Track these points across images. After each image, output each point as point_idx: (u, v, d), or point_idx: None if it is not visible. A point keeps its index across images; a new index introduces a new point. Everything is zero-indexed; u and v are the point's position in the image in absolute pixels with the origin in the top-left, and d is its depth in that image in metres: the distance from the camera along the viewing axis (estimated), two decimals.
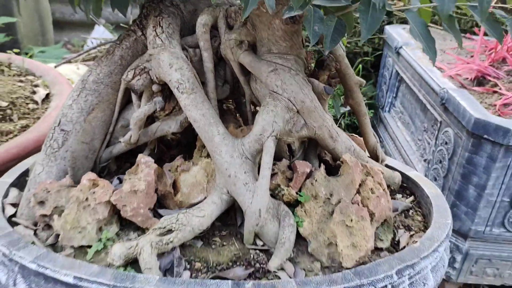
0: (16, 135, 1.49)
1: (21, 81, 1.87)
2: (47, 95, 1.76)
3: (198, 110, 0.87)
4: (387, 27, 2.67)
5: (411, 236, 0.96)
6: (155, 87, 0.92)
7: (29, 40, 3.46)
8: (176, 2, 0.97)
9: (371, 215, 0.87)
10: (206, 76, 0.94)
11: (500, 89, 1.84)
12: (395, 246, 0.94)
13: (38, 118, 1.61)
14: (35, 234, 0.90)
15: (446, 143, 1.78)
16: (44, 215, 0.88)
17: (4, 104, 1.63)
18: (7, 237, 0.85)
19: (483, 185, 1.59)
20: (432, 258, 0.88)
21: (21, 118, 1.60)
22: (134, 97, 0.96)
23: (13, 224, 0.92)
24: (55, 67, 2.32)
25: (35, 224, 0.92)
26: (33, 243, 0.87)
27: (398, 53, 2.41)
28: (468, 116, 1.59)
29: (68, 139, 0.93)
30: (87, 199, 0.87)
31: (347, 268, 0.84)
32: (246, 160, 0.88)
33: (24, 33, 3.44)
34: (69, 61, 2.39)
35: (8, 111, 1.60)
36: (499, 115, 1.66)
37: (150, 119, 0.99)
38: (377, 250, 0.92)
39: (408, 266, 0.83)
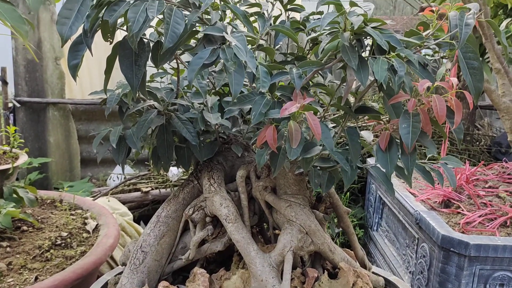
0: (77, 259, 1.85)
1: (72, 214, 2.28)
2: (96, 226, 2.16)
3: (240, 234, 1.28)
4: (368, 159, 3.21)
5: None
6: (208, 219, 1.35)
7: (58, 176, 3.95)
8: (220, 161, 1.44)
9: None
10: (242, 210, 1.37)
11: (462, 210, 2.28)
12: None
13: (92, 244, 1.99)
14: None
15: (423, 256, 2.16)
16: None
17: (64, 234, 2.02)
18: None
19: None
20: None
21: (79, 245, 1.98)
22: (191, 226, 1.38)
23: None
24: (93, 200, 2.75)
25: None
26: None
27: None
28: (437, 233, 2.00)
29: (146, 258, 1.33)
30: None
31: None
32: (273, 269, 1.27)
33: (54, 170, 3.94)
34: (105, 194, 2.83)
35: (68, 240, 1.99)
36: (463, 232, 2.07)
37: (201, 241, 1.40)
38: None
39: None
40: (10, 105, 3.82)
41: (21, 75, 3.78)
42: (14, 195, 2.08)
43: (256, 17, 1.34)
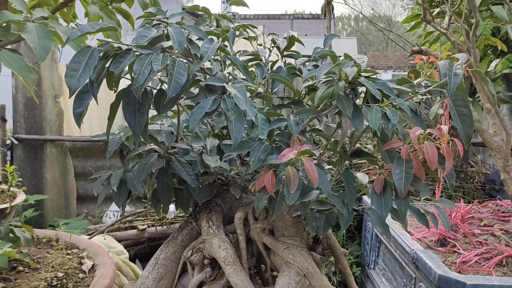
0: None
1: (68, 254, 2.27)
2: (93, 266, 2.15)
3: (238, 277, 1.29)
4: (364, 197, 3.22)
5: None
6: (206, 261, 1.36)
7: (54, 213, 3.93)
8: (219, 202, 1.47)
9: None
10: (240, 252, 1.38)
11: (458, 249, 2.29)
12: None
13: (88, 285, 1.97)
14: None
15: None
16: None
17: (60, 274, 2.01)
18: None
19: None
20: None
21: (75, 286, 1.96)
22: (189, 268, 1.39)
23: None
24: (89, 238, 2.74)
25: None
26: None
27: None
28: (434, 273, 2.00)
29: None
30: None
31: None
32: None
33: (50, 207, 3.93)
34: (101, 232, 2.82)
35: (64, 280, 1.98)
36: (459, 271, 2.08)
37: (200, 284, 1.40)
38: None
39: None
40: (8, 142, 3.85)
41: (20, 112, 3.82)
42: (11, 235, 2.07)
43: (254, 63, 1.40)
